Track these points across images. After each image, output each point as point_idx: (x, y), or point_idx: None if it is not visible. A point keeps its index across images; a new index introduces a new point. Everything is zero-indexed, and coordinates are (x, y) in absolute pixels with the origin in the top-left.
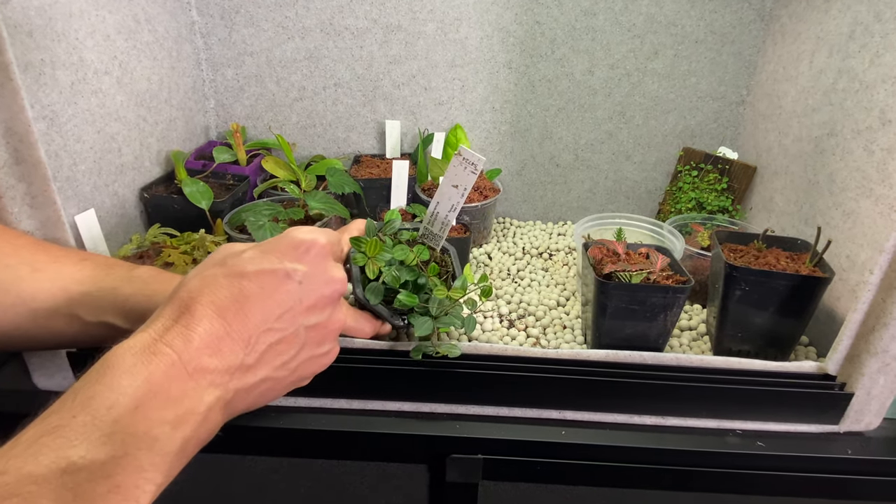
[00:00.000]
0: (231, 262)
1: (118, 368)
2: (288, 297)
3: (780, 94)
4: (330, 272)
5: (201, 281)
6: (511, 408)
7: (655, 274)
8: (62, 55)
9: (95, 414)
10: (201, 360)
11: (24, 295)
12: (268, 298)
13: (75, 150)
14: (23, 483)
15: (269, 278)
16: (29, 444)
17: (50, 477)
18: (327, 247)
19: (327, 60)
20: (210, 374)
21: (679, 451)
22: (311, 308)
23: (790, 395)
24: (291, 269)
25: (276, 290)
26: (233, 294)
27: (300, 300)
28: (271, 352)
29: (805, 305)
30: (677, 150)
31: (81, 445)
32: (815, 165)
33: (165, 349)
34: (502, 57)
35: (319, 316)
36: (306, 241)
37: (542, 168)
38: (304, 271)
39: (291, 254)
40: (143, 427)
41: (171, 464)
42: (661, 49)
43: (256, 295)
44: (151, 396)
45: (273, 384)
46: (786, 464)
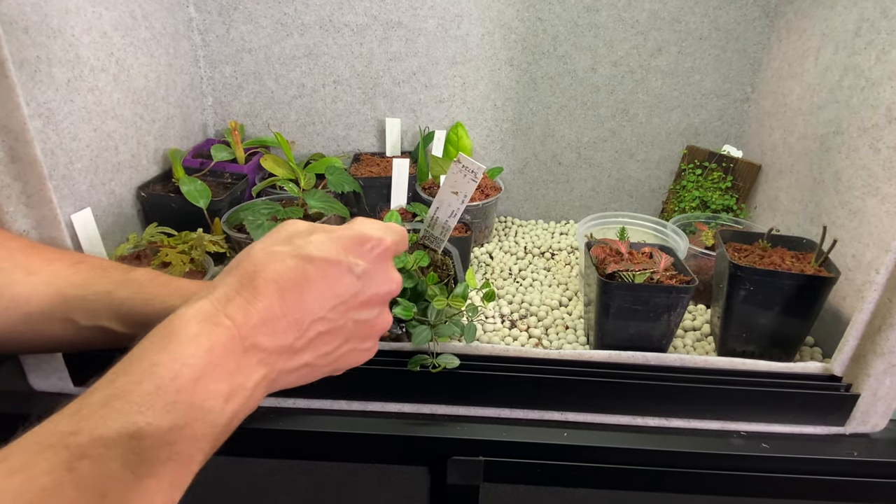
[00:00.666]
0: (298, 243)
1: (182, 336)
2: (345, 290)
3: (785, 92)
4: (388, 273)
5: (268, 256)
6: (513, 409)
7: (659, 274)
8: (58, 52)
9: (160, 383)
10: (256, 338)
11: (19, 298)
12: (327, 288)
13: (71, 149)
14: (94, 445)
15: (332, 268)
16: (98, 406)
17: (119, 441)
18: (391, 248)
19: (327, 57)
20: (261, 353)
21: (683, 453)
22: (364, 304)
23: (795, 397)
24: (354, 263)
25: (335, 282)
26: (296, 276)
27: (355, 295)
28: (319, 340)
29: (810, 305)
30: (681, 148)
31: (148, 412)
32: (821, 164)
33: (226, 321)
34: (504, 54)
35: (369, 313)
36: (373, 238)
37: (544, 166)
38: (364, 268)
39: (357, 249)
40: (200, 398)
41: (218, 436)
42: (664, 46)
43: (317, 282)
44: (211, 369)
45: (311, 370)
46: (791, 466)
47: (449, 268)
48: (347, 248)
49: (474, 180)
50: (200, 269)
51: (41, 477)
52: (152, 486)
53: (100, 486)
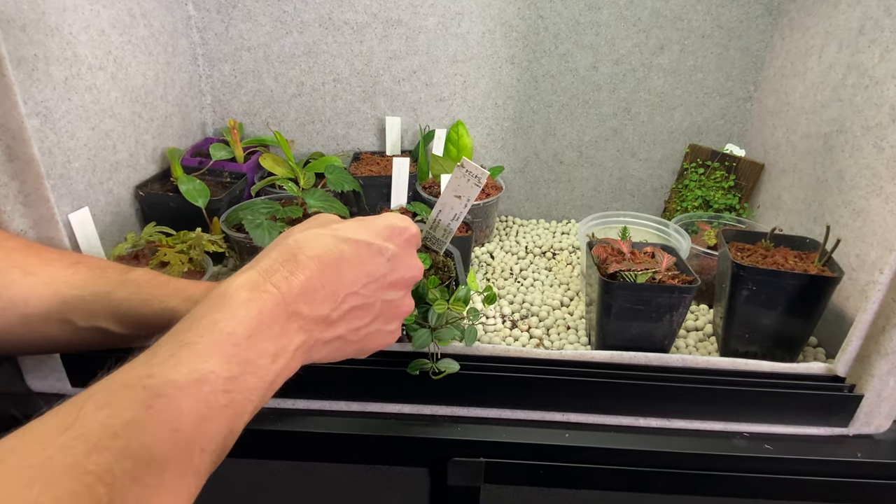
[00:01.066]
0: (335, 227)
1: (235, 300)
2: (376, 269)
3: (788, 90)
4: (413, 259)
5: (308, 236)
6: (514, 410)
7: (661, 273)
8: (56, 50)
9: (219, 338)
10: (297, 306)
11: (17, 299)
12: (360, 266)
13: (69, 147)
14: (167, 387)
15: (365, 249)
16: (168, 355)
17: (187, 385)
18: (416, 236)
19: (326, 56)
20: (302, 320)
21: (685, 455)
22: (392, 285)
23: (798, 397)
24: (384, 246)
25: (368, 261)
26: (333, 254)
27: (385, 275)
28: (351, 314)
29: (814, 305)
30: (683, 147)
31: (211, 361)
32: (824, 163)
33: (272, 288)
34: (505, 52)
35: (395, 294)
36: (400, 227)
37: (545, 165)
38: (393, 251)
39: (387, 234)
40: (252, 354)
41: (264, 392)
42: (666, 44)
43: (352, 260)
44: (261, 329)
45: (342, 345)
46: (794, 467)
47: (450, 269)
48: (379, 233)
49: (478, 185)
50: (199, 268)
51: (124, 412)
52: (212, 428)
53: (173, 423)
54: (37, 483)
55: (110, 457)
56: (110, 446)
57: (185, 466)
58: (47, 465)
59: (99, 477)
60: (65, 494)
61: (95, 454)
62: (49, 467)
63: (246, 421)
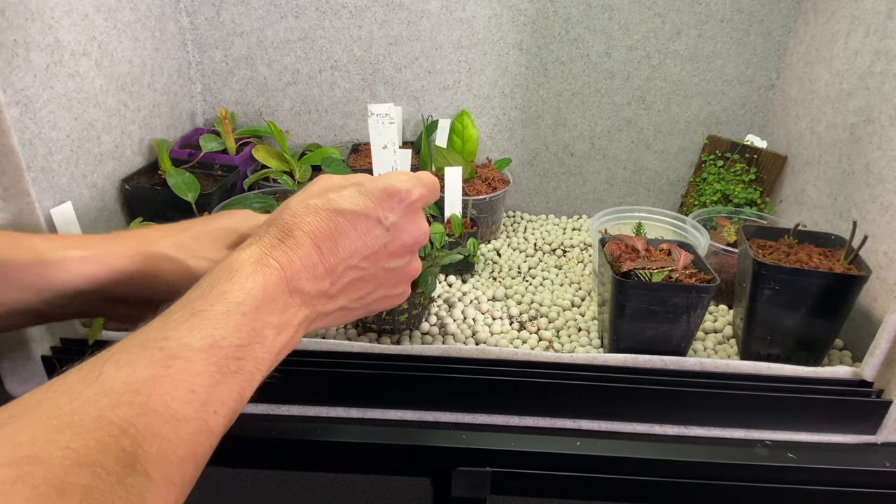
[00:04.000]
0: (331, 197)
1: (242, 273)
2: (375, 240)
3: (812, 78)
4: (416, 223)
5: (304, 209)
6: (522, 416)
7: (678, 272)
8: (36, 35)
9: (230, 307)
10: (299, 281)
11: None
12: (357, 239)
13: (51, 139)
14: (183, 349)
15: (362, 220)
16: (181, 321)
17: (202, 349)
18: (420, 200)
19: (323, 41)
20: (303, 295)
21: (703, 464)
22: (393, 254)
23: (823, 403)
24: (383, 216)
25: (366, 233)
26: (329, 228)
27: (385, 245)
28: (352, 286)
29: (839, 306)
30: (701, 138)
31: (223, 328)
32: (851, 154)
33: (274, 263)
34: (512, 37)
35: (399, 261)
36: (400, 190)
37: (555, 158)
38: (393, 220)
39: (386, 202)
40: (259, 325)
41: (271, 363)
42: (683, 29)
43: (348, 233)
44: (267, 302)
45: (346, 313)
46: (819, 477)
47: None
48: (377, 201)
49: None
50: None
51: (143, 370)
52: (225, 391)
53: (190, 383)
54: (67, 430)
55: (132, 411)
56: (132, 401)
57: (202, 425)
58: (76, 415)
59: (123, 429)
60: (92, 444)
61: (119, 408)
62: (78, 416)
63: (253, 389)
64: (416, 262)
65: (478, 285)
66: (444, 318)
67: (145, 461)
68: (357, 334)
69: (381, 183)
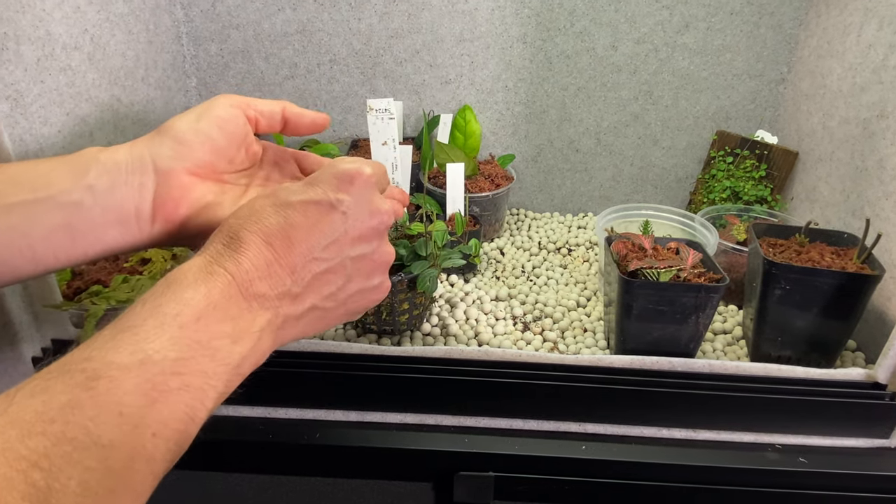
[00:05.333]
0: (279, 195)
1: (181, 283)
2: (332, 227)
3: (824, 72)
4: (375, 203)
5: (249, 210)
6: (526, 420)
7: (686, 271)
8: (27, 28)
9: (164, 320)
10: (253, 284)
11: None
12: (313, 228)
13: (42, 134)
14: (108, 368)
15: (313, 208)
16: (107, 339)
17: (131, 366)
18: (372, 177)
19: (322, 34)
20: (261, 298)
21: (712, 468)
22: (357, 239)
23: (836, 406)
24: (336, 199)
25: (320, 221)
26: (279, 223)
27: (345, 231)
28: (318, 281)
29: (852, 306)
30: (710, 133)
31: (156, 342)
32: (864, 151)
33: (220, 269)
34: (516, 30)
35: (366, 247)
36: (350, 171)
37: (560, 154)
38: (349, 202)
39: (336, 185)
40: (205, 337)
41: (230, 376)
42: (692, 21)
43: (301, 224)
44: (211, 310)
45: (322, 314)
46: (831, 482)
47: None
48: (327, 185)
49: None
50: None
51: (60, 395)
52: (165, 410)
53: (117, 404)
54: None
55: (46, 441)
56: (46, 431)
57: (135, 451)
58: None
59: (34, 462)
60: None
61: (30, 439)
62: None
63: (210, 408)
64: (385, 246)
65: (480, 285)
66: (445, 319)
67: (62, 496)
68: (357, 335)
69: (327, 170)
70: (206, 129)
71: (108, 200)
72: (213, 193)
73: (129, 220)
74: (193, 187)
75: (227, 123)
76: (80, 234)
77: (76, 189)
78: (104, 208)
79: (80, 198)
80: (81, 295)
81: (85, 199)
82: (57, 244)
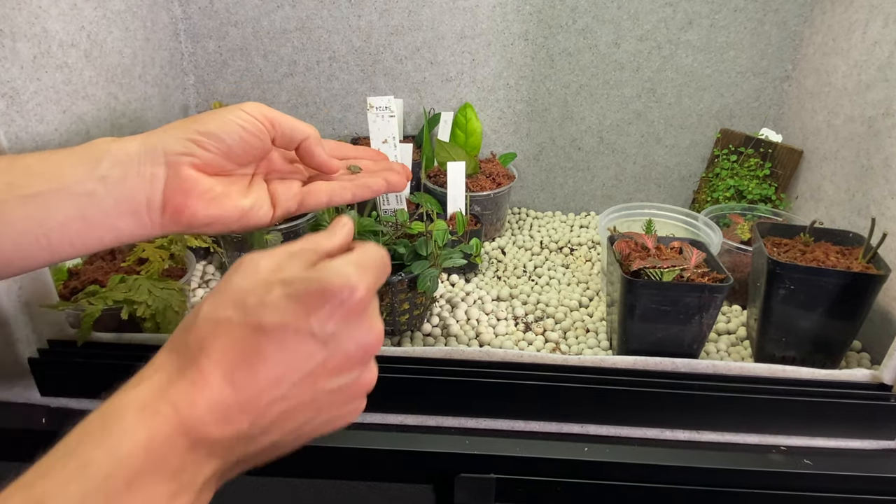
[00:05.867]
0: (252, 306)
1: (118, 429)
2: (309, 360)
3: (829, 70)
4: (364, 327)
5: (214, 327)
6: (527, 421)
7: (689, 271)
8: (23, 25)
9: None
10: (204, 428)
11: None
12: (285, 361)
13: (38, 132)
14: None
15: (291, 337)
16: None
17: None
18: (367, 297)
19: (321, 31)
20: (211, 444)
21: (716, 470)
22: (336, 370)
23: (841, 408)
24: (318, 327)
25: (295, 352)
26: (247, 352)
27: (323, 363)
28: (282, 419)
29: (857, 306)
30: (714, 131)
31: None
32: (870, 149)
33: (168, 409)
34: (517, 27)
35: (346, 378)
36: (342, 290)
37: (562, 152)
38: (332, 331)
39: (322, 307)
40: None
41: None
42: (695, 18)
43: (273, 356)
44: (152, 466)
45: (282, 447)
46: (836, 484)
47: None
48: (309, 308)
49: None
50: (181, 265)
51: None
52: None
53: None
54: None
55: None
56: None
57: None
58: None
59: None
60: None
61: None
62: None
63: None
64: (368, 372)
65: (482, 285)
66: (446, 319)
67: None
68: None
69: (316, 282)
70: (226, 134)
71: (120, 191)
72: (221, 185)
73: (141, 210)
74: (202, 180)
75: (248, 135)
76: (94, 223)
77: (89, 180)
78: (116, 199)
79: (94, 188)
80: (78, 295)
81: (98, 189)
82: (72, 233)
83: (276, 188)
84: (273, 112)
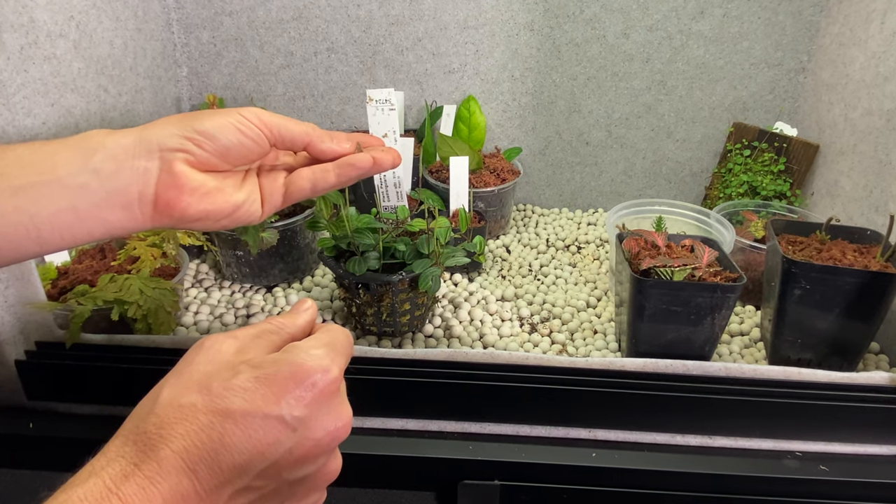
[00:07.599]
0: (217, 390)
1: None
2: (276, 448)
3: (846, 61)
4: (333, 413)
5: (176, 412)
6: (533, 426)
7: (701, 270)
8: (10, 15)
9: None
10: None
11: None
12: (251, 449)
13: (25, 126)
14: None
15: (257, 424)
16: None
17: None
18: (339, 378)
19: (319, 21)
20: None
21: (729, 476)
22: (302, 459)
23: (858, 412)
24: (287, 412)
25: (262, 439)
26: (210, 440)
27: (290, 451)
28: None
29: (875, 307)
30: (727, 125)
31: None
32: (888, 143)
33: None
34: (522, 17)
35: (311, 467)
36: (313, 373)
37: (568, 147)
38: (301, 416)
39: (292, 392)
40: None
41: None
42: (707, 8)
43: (238, 444)
44: None
45: None
46: (853, 491)
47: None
48: (279, 392)
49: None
50: (173, 263)
51: None
52: None
53: None
54: None
55: None
56: None
57: None
58: None
59: None
60: None
61: None
62: None
63: None
64: (333, 461)
65: (485, 284)
66: (449, 320)
67: None
68: (356, 337)
69: (286, 364)
70: (223, 136)
71: (113, 184)
72: (214, 180)
73: (133, 203)
74: (195, 175)
75: (245, 139)
76: (85, 215)
77: (82, 172)
78: (109, 192)
79: (86, 181)
80: (67, 295)
81: (91, 182)
82: (63, 225)
83: (263, 182)
84: (272, 117)
